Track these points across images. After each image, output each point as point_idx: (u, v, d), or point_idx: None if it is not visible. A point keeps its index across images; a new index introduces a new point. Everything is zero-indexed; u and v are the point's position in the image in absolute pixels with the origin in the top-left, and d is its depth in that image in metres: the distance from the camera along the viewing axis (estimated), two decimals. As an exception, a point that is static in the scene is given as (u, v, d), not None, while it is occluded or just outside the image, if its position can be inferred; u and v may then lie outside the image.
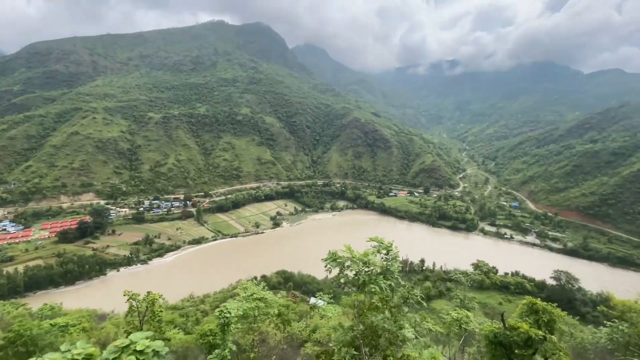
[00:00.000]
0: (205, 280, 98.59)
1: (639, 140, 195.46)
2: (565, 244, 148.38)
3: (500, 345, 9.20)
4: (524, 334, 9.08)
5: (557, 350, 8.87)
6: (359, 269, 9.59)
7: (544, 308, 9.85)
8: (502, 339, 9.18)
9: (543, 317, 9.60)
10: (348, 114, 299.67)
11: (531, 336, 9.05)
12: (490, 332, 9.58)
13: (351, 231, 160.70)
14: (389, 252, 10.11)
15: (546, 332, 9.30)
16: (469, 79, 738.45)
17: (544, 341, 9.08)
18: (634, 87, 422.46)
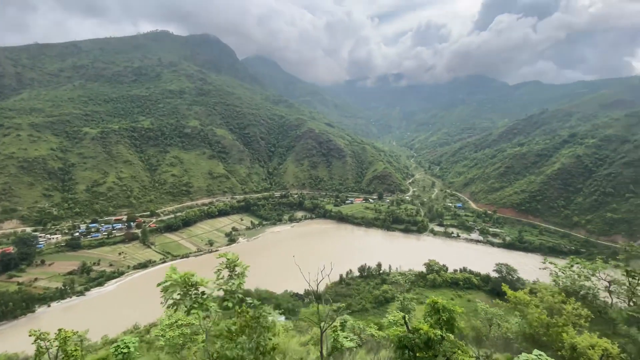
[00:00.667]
0: (153, 308, 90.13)
1: (557, 143, 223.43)
2: (504, 238, 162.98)
3: (406, 349, 9.16)
4: (424, 335, 9.12)
5: (456, 348, 9.08)
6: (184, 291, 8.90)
7: (444, 306, 10.05)
8: (406, 342, 9.16)
9: (443, 315, 9.78)
10: (302, 124, 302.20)
11: (430, 337, 9.06)
12: (396, 336, 9.56)
13: (309, 241, 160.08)
14: (235, 268, 9.63)
15: (445, 332, 9.43)
16: (413, 90, 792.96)
17: (443, 341, 9.13)
18: (550, 96, 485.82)
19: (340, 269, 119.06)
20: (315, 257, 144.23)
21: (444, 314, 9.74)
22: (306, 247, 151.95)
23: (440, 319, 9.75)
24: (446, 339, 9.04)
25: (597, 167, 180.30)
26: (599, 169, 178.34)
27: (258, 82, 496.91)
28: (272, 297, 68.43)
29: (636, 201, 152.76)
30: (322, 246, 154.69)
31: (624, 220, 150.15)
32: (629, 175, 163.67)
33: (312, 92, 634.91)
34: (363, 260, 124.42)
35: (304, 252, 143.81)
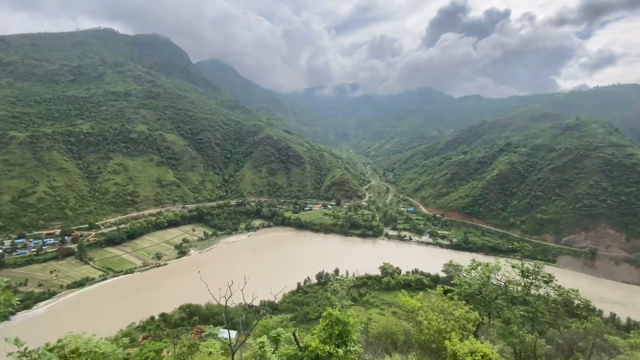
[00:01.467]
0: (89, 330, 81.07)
1: (495, 151, 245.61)
2: (451, 240, 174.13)
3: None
4: (312, 353, 8.69)
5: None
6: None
7: (337, 319, 9.70)
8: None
9: (336, 329, 9.43)
10: (260, 131, 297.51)
11: (319, 354, 8.68)
12: (285, 355, 9.06)
13: (266, 250, 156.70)
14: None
15: (333, 347, 9.05)
16: (368, 101, 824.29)
17: (331, 357, 8.73)
18: (489, 109, 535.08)
19: (298, 276, 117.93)
20: (272, 267, 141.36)
21: (337, 327, 9.29)
22: (262, 256, 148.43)
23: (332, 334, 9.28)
24: (334, 355, 8.68)
25: (528, 173, 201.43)
26: (530, 175, 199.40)
27: (213, 86, 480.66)
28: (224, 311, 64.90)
29: (561, 203, 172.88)
30: (280, 255, 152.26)
31: (551, 220, 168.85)
32: (555, 180, 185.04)
33: (271, 98, 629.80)
34: (321, 266, 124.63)
35: (259, 262, 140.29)
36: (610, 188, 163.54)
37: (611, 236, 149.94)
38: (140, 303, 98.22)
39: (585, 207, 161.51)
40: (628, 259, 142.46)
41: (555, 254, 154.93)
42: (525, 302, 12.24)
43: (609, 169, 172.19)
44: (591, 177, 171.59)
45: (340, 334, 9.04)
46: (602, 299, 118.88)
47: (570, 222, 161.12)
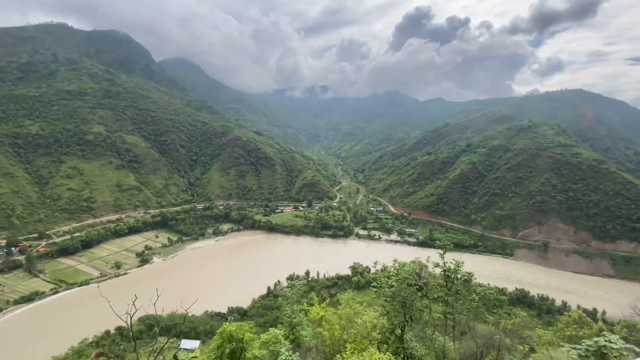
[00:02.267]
0: (38, 349, 74.41)
1: (457, 152, 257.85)
2: (417, 237, 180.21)
3: None
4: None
5: None
6: None
7: (230, 335, 9.14)
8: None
9: (228, 347, 8.91)
10: (228, 132, 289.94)
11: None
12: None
13: (235, 255, 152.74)
14: None
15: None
16: (338, 103, 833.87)
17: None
18: (452, 112, 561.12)
19: (269, 280, 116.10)
20: (241, 272, 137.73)
21: (229, 344, 8.69)
22: (231, 261, 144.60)
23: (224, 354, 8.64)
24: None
25: (487, 172, 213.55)
26: (489, 174, 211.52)
27: (178, 86, 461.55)
28: (187, 320, 62.23)
29: (517, 200, 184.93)
30: (249, 259, 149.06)
31: (509, 216, 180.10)
32: (511, 178, 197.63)
33: (240, 99, 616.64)
34: (293, 269, 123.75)
35: (227, 267, 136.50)
36: (559, 185, 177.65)
37: (561, 229, 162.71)
38: (95, 317, 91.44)
39: (538, 203, 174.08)
40: (576, 251, 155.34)
41: (512, 247, 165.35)
42: (445, 302, 11.82)
43: (558, 167, 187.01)
44: (542, 175, 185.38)
45: (232, 352, 8.19)
46: (556, 289, 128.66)
47: (525, 218, 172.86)
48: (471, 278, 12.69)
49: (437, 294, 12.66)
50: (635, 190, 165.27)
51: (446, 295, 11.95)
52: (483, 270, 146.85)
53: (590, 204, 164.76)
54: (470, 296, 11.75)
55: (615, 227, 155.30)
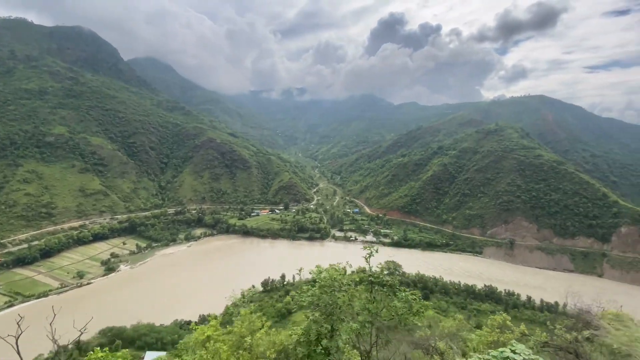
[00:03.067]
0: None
1: (429, 154, 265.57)
2: (392, 238, 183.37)
3: None
4: None
5: None
6: None
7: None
8: None
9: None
10: (202, 134, 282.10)
11: None
12: None
13: (207, 261, 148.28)
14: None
15: None
16: (315, 105, 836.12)
17: None
18: (425, 115, 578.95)
19: (243, 285, 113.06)
20: (213, 278, 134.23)
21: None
22: (203, 267, 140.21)
23: None
24: None
25: (458, 173, 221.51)
26: (459, 175, 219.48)
27: (148, 86, 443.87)
28: (153, 331, 59.24)
29: (485, 200, 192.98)
30: (223, 264, 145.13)
31: (478, 215, 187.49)
32: (480, 179, 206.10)
33: (214, 100, 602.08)
34: (267, 273, 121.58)
35: (199, 274, 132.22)
36: (524, 185, 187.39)
37: (525, 228, 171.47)
38: (50, 331, 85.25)
39: (504, 202, 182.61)
40: (539, 247, 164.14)
41: (481, 245, 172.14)
42: (368, 310, 10.87)
43: (522, 168, 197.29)
44: (508, 176, 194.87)
45: None
46: (522, 284, 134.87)
47: (493, 217, 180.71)
48: (394, 285, 11.56)
49: (358, 301, 11.58)
50: (591, 189, 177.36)
51: (368, 303, 11.08)
52: (455, 269, 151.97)
53: (551, 203, 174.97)
54: (392, 303, 10.96)
55: (574, 224, 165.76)
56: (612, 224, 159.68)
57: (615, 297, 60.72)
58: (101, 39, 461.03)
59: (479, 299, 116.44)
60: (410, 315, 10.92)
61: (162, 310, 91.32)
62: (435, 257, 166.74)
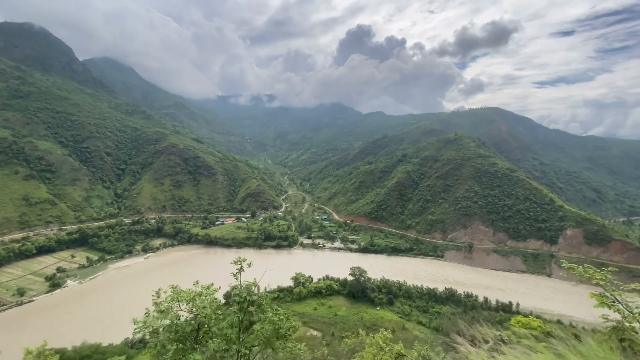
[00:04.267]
0: None
1: (394, 161, 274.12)
2: (359, 244, 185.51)
3: None
4: None
5: None
6: None
7: None
8: None
9: None
10: (163, 139, 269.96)
11: None
12: None
13: (165, 273, 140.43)
14: None
15: None
16: (285, 112, 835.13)
17: None
18: (390, 124, 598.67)
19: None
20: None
21: None
22: (160, 280, 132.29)
23: None
24: None
25: (420, 180, 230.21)
26: (422, 182, 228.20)
27: (106, 87, 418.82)
28: (97, 352, 54.46)
29: (445, 205, 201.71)
30: (182, 277, 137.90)
31: (439, 220, 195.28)
32: (440, 186, 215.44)
33: (179, 104, 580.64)
34: (231, 285, 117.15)
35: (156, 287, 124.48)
36: (480, 191, 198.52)
37: (482, 231, 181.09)
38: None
39: (463, 208, 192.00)
40: (495, 250, 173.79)
41: (443, 249, 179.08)
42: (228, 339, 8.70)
43: (479, 175, 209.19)
44: (466, 183, 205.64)
45: None
46: (480, 286, 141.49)
47: (453, 221, 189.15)
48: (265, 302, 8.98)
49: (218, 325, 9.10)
50: (539, 195, 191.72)
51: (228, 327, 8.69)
52: (418, 272, 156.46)
53: (505, 208, 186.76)
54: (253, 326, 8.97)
55: (525, 227, 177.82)
56: (559, 227, 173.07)
57: (559, 295, 64.77)
58: (53, 36, 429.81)
59: (440, 302, 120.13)
60: (276, 338, 9.13)
61: (112, 329, 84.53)
62: (400, 262, 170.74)
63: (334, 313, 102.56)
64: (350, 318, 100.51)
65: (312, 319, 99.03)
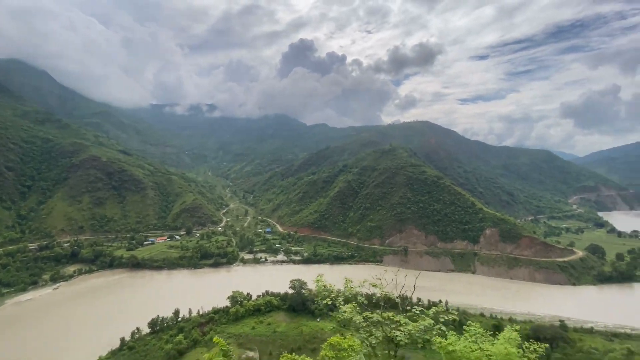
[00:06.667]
0: None
1: (336, 171, 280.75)
2: (302, 255, 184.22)
3: None
4: None
5: None
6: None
7: None
8: None
9: None
10: (82, 150, 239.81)
11: None
12: None
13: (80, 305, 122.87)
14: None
15: None
16: (227, 122, 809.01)
17: None
18: (334, 136, 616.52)
19: (124, 330, 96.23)
20: (83, 326, 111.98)
21: None
22: (73, 313, 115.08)
23: None
24: None
25: (360, 189, 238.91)
26: (361, 190, 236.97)
27: (11, 93, 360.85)
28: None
29: (383, 212, 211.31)
30: (101, 306, 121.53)
31: (377, 227, 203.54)
32: (378, 194, 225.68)
33: (104, 112, 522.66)
34: (158, 310, 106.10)
35: (66, 322, 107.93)
36: (413, 198, 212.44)
37: (416, 235, 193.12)
38: None
39: (398, 214, 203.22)
40: (428, 252, 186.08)
41: (381, 254, 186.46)
42: None
43: (411, 183, 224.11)
44: (400, 190, 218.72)
45: None
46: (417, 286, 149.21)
47: (390, 227, 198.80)
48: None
49: None
50: (463, 199, 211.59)
51: None
52: (360, 279, 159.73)
53: (434, 212, 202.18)
54: None
55: (452, 229, 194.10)
56: (479, 228, 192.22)
57: (478, 289, 69.64)
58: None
59: (378, 307, 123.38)
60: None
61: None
62: (343, 270, 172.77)
63: (272, 330, 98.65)
64: (289, 333, 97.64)
65: (249, 339, 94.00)
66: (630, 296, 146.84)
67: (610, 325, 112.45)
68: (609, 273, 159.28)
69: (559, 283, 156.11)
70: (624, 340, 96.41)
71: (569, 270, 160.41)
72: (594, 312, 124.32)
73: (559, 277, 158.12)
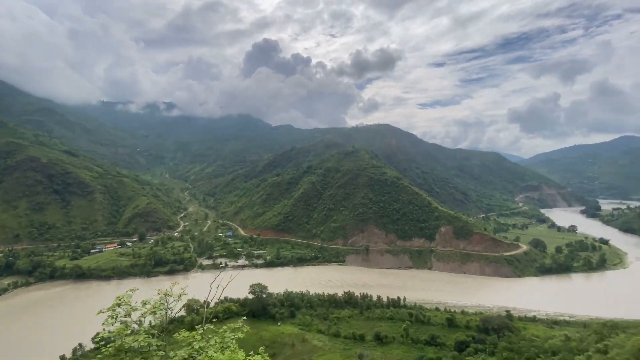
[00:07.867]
0: None
1: (301, 173, 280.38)
2: (265, 258, 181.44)
3: None
4: None
5: None
6: None
7: None
8: None
9: None
10: (18, 151, 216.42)
11: None
12: None
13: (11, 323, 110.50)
14: None
15: None
16: (187, 122, 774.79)
17: None
18: (299, 137, 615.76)
19: (65, 347, 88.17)
20: (14, 347, 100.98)
21: None
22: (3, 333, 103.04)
23: None
24: None
25: (324, 190, 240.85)
26: (325, 191, 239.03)
27: None
28: None
29: (346, 212, 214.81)
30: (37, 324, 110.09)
31: (341, 227, 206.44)
32: (341, 195, 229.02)
33: (47, 109, 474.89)
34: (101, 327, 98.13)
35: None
36: (374, 198, 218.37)
37: (377, 234, 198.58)
38: None
39: (360, 214, 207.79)
40: (388, 250, 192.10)
41: (345, 254, 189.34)
42: None
43: (372, 184, 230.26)
44: (362, 191, 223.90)
45: None
46: (375, 285, 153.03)
47: (352, 227, 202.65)
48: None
49: None
50: (420, 199, 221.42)
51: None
52: (322, 280, 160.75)
53: (394, 212, 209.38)
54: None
55: (411, 228, 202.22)
56: (435, 226, 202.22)
57: (435, 284, 72.17)
58: None
59: (340, 307, 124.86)
60: None
61: None
62: (306, 271, 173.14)
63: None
64: (248, 339, 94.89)
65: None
66: (569, 286, 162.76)
67: (551, 314, 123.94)
68: (549, 265, 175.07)
69: (506, 275, 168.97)
70: (563, 327, 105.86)
71: (515, 263, 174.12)
72: (537, 301, 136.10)
73: (506, 270, 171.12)
